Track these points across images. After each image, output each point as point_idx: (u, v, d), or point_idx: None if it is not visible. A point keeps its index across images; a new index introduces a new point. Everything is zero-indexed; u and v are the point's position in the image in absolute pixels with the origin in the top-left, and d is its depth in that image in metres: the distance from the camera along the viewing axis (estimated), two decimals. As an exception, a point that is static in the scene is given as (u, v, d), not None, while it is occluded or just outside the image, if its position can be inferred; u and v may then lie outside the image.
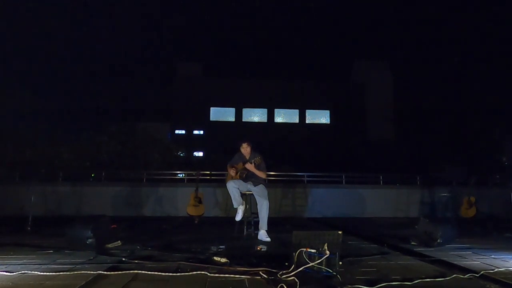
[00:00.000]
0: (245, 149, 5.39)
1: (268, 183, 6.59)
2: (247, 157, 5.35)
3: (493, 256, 3.90)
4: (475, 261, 3.67)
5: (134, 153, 15.02)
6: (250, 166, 5.17)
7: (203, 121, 32.22)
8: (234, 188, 5.21)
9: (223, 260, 3.43)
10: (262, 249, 4.33)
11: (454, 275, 2.98)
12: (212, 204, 9.05)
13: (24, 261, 3.48)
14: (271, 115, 33.21)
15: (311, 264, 2.98)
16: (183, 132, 32.17)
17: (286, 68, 49.29)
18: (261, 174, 5.27)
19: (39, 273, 2.97)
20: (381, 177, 10.53)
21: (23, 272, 2.98)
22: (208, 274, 2.98)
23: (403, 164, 17.56)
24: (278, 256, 3.58)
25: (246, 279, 2.86)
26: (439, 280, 2.88)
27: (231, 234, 5.39)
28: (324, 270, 2.98)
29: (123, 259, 3.57)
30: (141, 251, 4.08)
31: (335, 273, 2.95)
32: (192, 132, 32.32)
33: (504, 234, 5.82)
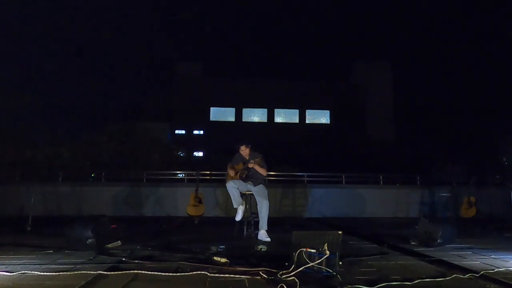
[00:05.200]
0: (244, 151, 5.41)
1: (268, 183, 6.59)
2: (247, 158, 5.37)
3: (493, 256, 3.90)
4: (475, 261, 3.67)
5: (134, 153, 14.99)
6: (252, 165, 5.18)
7: (203, 121, 32.20)
8: (234, 188, 5.22)
9: (223, 260, 3.42)
10: (262, 249, 4.32)
11: (454, 275, 2.98)
12: (212, 204, 9.04)
13: (24, 261, 3.48)
14: (271, 115, 33.19)
15: (311, 264, 2.98)
16: (183, 132, 32.15)
17: (286, 68, 49.37)
18: (263, 172, 5.30)
19: (39, 273, 2.97)
20: (381, 177, 10.53)
21: (23, 272, 2.98)
22: (208, 274, 2.98)
23: (403, 164, 17.52)
24: (278, 256, 3.58)
25: (246, 279, 2.85)
26: (439, 280, 2.88)
27: (231, 234, 5.39)
28: (324, 270, 2.97)
29: (123, 259, 3.57)
30: (141, 251, 4.07)
31: (335, 273, 2.94)
32: (192, 132, 32.31)
33: (504, 234, 5.82)
